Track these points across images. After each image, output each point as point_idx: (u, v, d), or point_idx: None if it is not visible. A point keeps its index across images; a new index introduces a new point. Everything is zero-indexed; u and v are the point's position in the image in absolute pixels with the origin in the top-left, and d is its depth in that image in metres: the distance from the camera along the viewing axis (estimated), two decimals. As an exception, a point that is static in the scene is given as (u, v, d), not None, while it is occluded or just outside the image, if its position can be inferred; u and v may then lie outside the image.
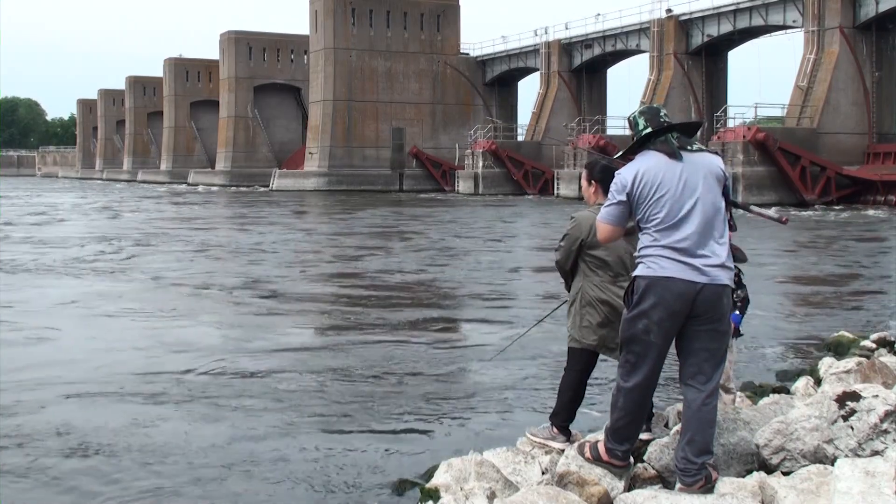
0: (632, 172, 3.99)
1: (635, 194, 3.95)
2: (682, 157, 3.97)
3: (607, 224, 4.07)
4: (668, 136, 4.02)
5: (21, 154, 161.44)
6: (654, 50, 53.02)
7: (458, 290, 13.91)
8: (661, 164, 3.96)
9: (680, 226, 3.89)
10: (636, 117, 4.09)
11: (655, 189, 3.92)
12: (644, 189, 3.93)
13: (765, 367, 8.12)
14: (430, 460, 5.41)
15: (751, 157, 39.26)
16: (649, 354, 3.96)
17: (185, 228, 28.15)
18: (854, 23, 42.50)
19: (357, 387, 7.46)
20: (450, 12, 70.24)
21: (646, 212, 3.94)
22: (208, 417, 6.55)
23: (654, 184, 3.92)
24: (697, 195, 3.91)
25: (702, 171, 3.97)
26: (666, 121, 4.06)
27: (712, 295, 3.88)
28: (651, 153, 4.01)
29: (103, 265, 16.97)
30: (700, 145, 4.09)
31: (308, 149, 69.42)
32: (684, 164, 3.96)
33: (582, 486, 4.05)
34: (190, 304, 12.21)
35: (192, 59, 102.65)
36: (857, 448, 3.91)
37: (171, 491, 5.12)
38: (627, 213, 4.02)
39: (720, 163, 4.10)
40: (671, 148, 3.98)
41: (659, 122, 4.05)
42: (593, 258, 4.74)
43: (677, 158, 3.96)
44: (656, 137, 4.02)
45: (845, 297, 13.11)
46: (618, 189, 4.01)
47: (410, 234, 26.02)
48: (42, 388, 7.35)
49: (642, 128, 4.04)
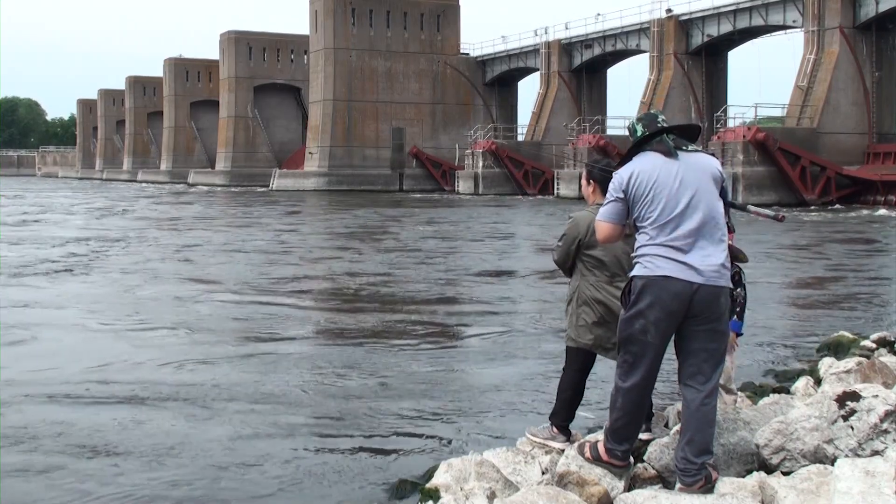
0: (628, 171, 4.04)
1: (631, 192, 3.99)
2: (679, 157, 4.01)
3: (605, 222, 4.10)
4: (664, 137, 4.07)
5: (21, 154, 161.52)
6: (654, 50, 53.04)
7: (457, 290, 13.90)
8: (657, 163, 4.00)
9: (676, 223, 3.91)
10: (634, 125, 4.15)
11: (651, 187, 3.95)
12: (640, 187, 3.97)
13: (765, 367, 8.13)
14: (430, 460, 5.41)
15: (751, 157, 39.27)
16: (647, 354, 3.97)
17: (165, 229, 28.14)
18: (854, 23, 42.51)
19: (356, 387, 7.45)
20: (450, 12, 70.27)
21: (641, 210, 3.97)
22: (204, 419, 6.54)
23: (649, 182, 3.95)
24: (693, 193, 3.94)
25: (698, 170, 4.01)
26: (663, 125, 4.11)
27: (709, 295, 3.89)
28: (648, 153, 4.05)
29: (66, 265, 16.94)
30: (696, 147, 4.14)
31: (308, 149, 69.45)
32: (680, 163, 4.00)
33: (582, 486, 4.06)
34: (163, 306, 12.19)
35: (192, 59, 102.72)
36: (857, 448, 3.91)
37: (169, 492, 5.11)
38: (625, 212, 4.05)
39: (717, 164, 4.13)
40: (667, 147, 4.03)
41: (656, 126, 4.10)
42: (590, 258, 4.75)
43: (673, 157, 4.00)
44: (653, 139, 4.07)
45: (845, 296, 13.11)
46: (615, 187, 4.06)
47: (411, 233, 26.03)
48: (32, 386, 7.35)
49: (640, 134, 4.11)
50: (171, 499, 5.02)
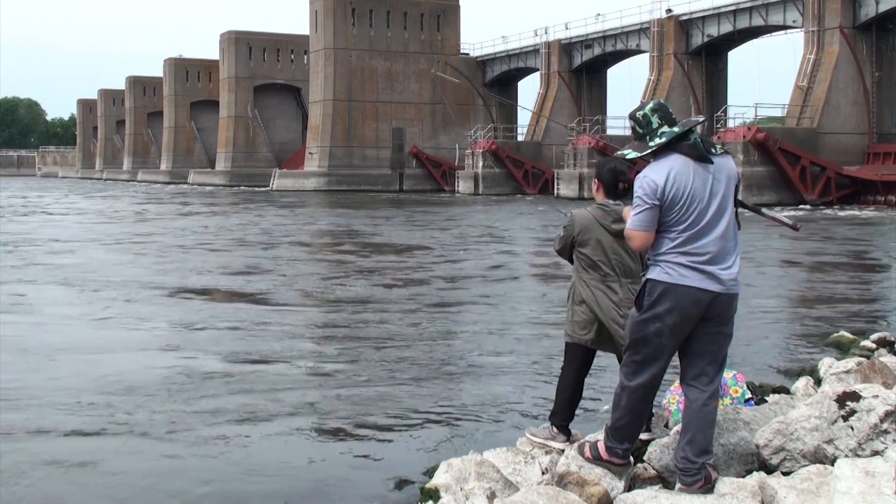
0: (662, 176, 3.83)
1: (667, 198, 3.81)
2: (712, 162, 3.86)
3: (640, 231, 3.89)
4: (696, 140, 3.88)
5: (21, 154, 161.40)
6: (654, 50, 53.03)
7: (456, 289, 13.90)
8: (690, 168, 3.84)
9: (703, 233, 3.83)
10: (648, 114, 3.91)
11: (686, 195, 3.81)
12: (676, 194, 3.81)
13: (765, 368, 8.12)
14: (430, 460, 5.41)
15: (751, 158, 39.28)
16: (658, 356, 3.96)
17: (134, 229, 28.13)
18: (854, 23, 42.50)
19: (356, 387, 7.45)
20: (450, 12, 70.24)
21: (672, 216, 3.84)
22: (201, 419, 6.53)
23: (684, 189, 3.81)
24: (720, 201, 3.85)
25: (724, 176, 3.89)
26: (676, 119, 3.95)
27: (725, 302, 3.89)
28: (677, 156, 3.86)
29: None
30: (722, 148, 3.98)
31: (308, 149, 69.42)
32: (713, 170, 3.86)
33: (582, 486, 4.05)
34: (162, 301, 12.20)
35: (192, 59, 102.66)
36: (857, 448, 3.91)
37: (168, 490, 5.11)
38: (658, 217, 3.85)
39: (734, 164, 4.03)
40: (699, 152, 3.85)
41: (673, 120, 3.92)
42: (583, 256, 4.81)
43: (707, 163, 3.84)
44: (683, 139, 3.88)
45: (845, 297, 13.10)
46: (648, 194, 3.83)
47: (412, 233, 26.03)
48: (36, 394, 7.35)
49: (657, 126, 3.90)
50: (167, 497, 5.02)
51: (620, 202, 4.74)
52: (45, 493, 5.07)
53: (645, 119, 3.93)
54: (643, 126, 3.93)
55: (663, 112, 3.92)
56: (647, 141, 3.93)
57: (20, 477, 5.26)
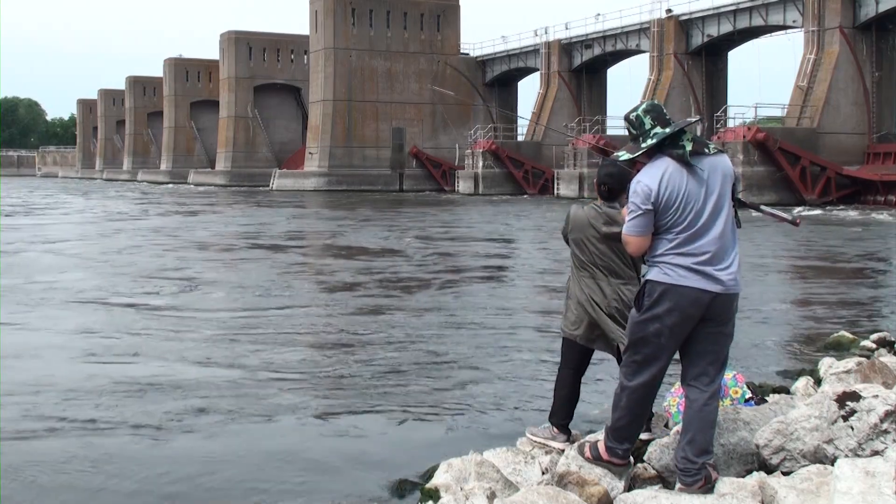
0: (655, 180, 3.85)
1: (661, 202, 3.83)
2: (704, 163, 3.87)
3: (636, 237, 3.92)
4: (686, 142, 3.89)
5: (21, 154, 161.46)
6: (654, 50, 53.03)
7: (455, 288, 13.90)
8: (684, 170, 3.85)
9: (701, 234, 3.84)
10: (640, 116, 3.94)
11: (680, 197, 3.82)
12: (670, 198, 3.82)
13: (765, 367, 8.12)
14: (430, 460, 5.41)
15: (751, 157, 39.29)
16: (658, 356, 3.97)
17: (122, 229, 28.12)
18: (854, 23, 42.50)
19: (355, 387, 7.45)
20: (450, 12, 70.24)
21: (667, 219, 3.85)
22: (200, 419, 6.53)
23: (679, 191, 3.82)
24: (716, 200, 3.86)
25: (719, 175, 3.90)
26: (670, 119, 3.96)
27: (725, 301, 3.89)
28: (668, 159, 3.88)
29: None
30: (717, 147, 3.98)
31: (308, 149, 69.43)
32: (706, 170, 3.86)
33: (582, 486, 4.05)
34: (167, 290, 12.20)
35: (192, 59, 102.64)
36: (857, 448, 3.91)
37: (162, 488, 5.11)
38: (653, 222, 3.87)
39: (730, 163, 4.04)
40: (685, 159, 3.85)
41: (666, 121, 3.93)
42: (574, 254, 4.90)
43: (697, 163, 3.85)
44: (674, 141, 3.89)
45: (845, 297, 13.10)
46: (642, 199, 3.85)
47: (412, 232, 26.03)
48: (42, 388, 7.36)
49: (650, 127, 3.92)
50: (164, 494, 5.02)
51: (616, 205, 4.73)
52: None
53: (638, 120, 3.96)
54: (636, 127, 3.96)
55: (656, 113, 3.94)
56: (641, 142, 3.96)
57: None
